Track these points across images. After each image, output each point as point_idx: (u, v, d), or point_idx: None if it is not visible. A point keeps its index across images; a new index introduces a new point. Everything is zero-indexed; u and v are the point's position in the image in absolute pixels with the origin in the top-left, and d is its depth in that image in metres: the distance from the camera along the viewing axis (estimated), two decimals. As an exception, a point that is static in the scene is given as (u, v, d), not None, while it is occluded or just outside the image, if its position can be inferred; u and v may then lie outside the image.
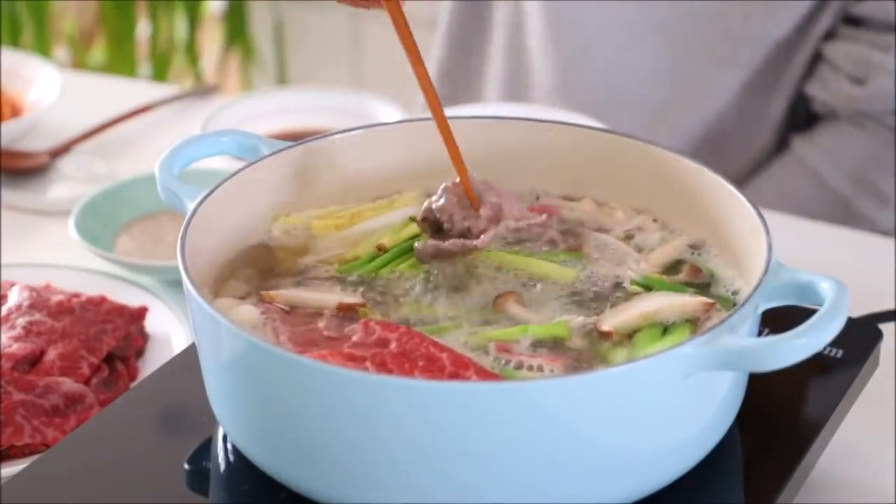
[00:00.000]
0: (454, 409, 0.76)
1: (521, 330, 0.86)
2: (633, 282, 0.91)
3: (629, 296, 0.90)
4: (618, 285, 0.91)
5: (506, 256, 0.93)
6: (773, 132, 1.54)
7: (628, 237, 0.97)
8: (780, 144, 1.55)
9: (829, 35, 1.49)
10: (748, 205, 0.89)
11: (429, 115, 0.94)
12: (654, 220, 0.98)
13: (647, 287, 0.90)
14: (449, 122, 0.95)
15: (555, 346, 0.85)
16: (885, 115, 1.46)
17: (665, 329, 0.87)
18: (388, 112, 1.43)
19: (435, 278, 0.91)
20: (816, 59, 1.50)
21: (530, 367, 0.83)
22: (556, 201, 1.00)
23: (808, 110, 1.53)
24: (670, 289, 0.90)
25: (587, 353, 0.85)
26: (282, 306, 0.88)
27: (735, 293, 0.90)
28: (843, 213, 1.48)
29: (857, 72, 1.46)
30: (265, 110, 1.44)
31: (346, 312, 0.88)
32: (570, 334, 0.86)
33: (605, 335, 0.86)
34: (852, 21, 1.48)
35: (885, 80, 1.44)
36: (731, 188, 0.92)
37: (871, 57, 1.44)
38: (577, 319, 0.87)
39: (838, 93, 1.47)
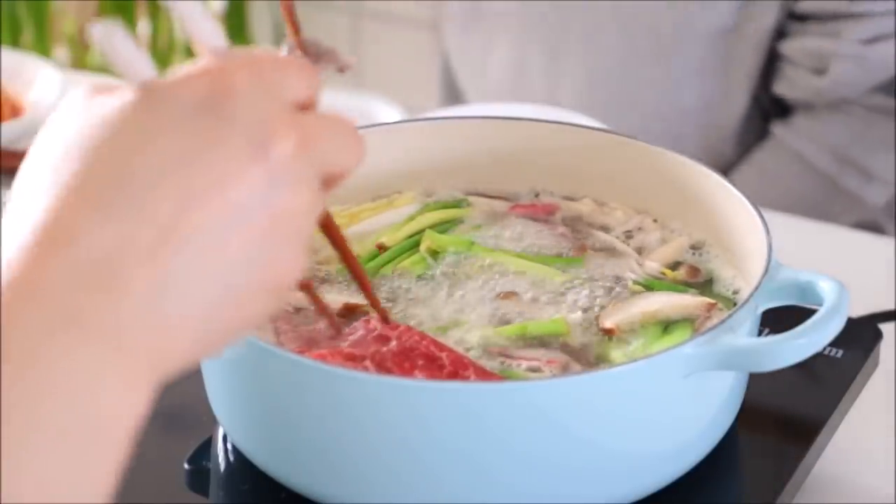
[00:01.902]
0: (453, 409, 0.76)
1: (521, 328, 0.86)
2: (635, 282, 0.91)
3: (631, 294, 0.90)
4: (619, 285, 0.91)
5: (508, 257, 0.93)
6: (739, 124, 1.54)
7: (628, 237, 0.97)
8: (759, 136, 1.55)
9: (782, 34, 1.50)
10: (748, 205, 0.89)
11: (429, 115, 0.94)
12: (654, 221, 0.98)
13: (649, 287, 0.90)
14: (449, 122, 0.95)
15: (554, 344, 0.85)
16: (858, 96, 1.47)
17: (666, 328, 0.87)
18: (387, 112, 1.43)
19: (436, 278, 0.91)
20: (778, 59, 1.51)
21: (532, 369, 0.83)
22: (556, 200, 1.00)
23: (783, 106, 1.54)
24: (672, 289, 0.90)
25: (587, 350, 0.85)
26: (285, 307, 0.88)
27: (735, 293, 0.90)
28: (829, 192, 1.50)
29: (815, 63, 1.48)
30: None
31: (352, 314, 0.87)
32: (571, 331, 0.86)
33: (606, 332, 0.86)
34: (799, 17, 1.49)
35: (841, 65, 1.45)
36: (732, 188, 0.92)
37: (822, 47, 1.46)
38: (578, 315, 0.87)
39: (804, 87, 1.49)
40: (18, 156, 1.38)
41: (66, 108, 0.56)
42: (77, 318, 0.51)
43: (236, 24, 2.68)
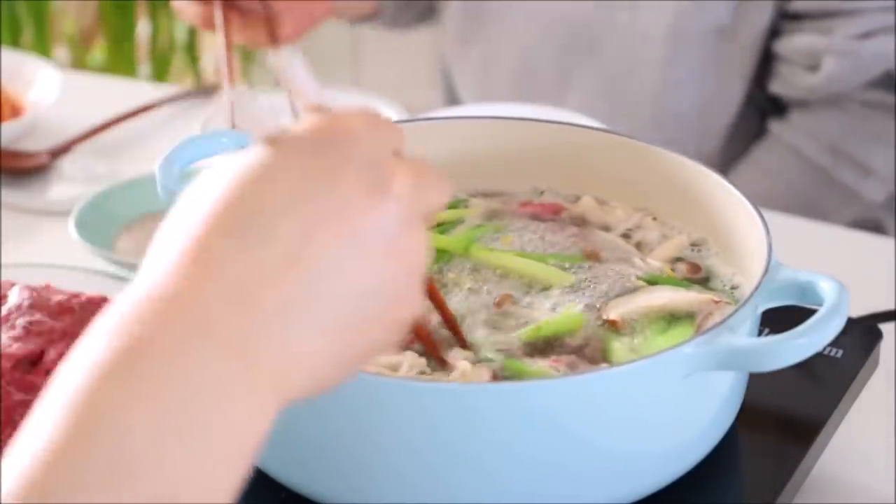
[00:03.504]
0: (454, 409, 0.76)
1: (535, 330, 0.85)
2: (639, 278, 0.91)
3: (637, 289, 0.90)
4: (623, 282, 0.91)
5: (512, 258, 0.92)
6: (734, 125, 1.55)
7: (627, 236, 0.97)
8: (755, 135, 1.55)
9: (776, 34, 1.50)
10: (748, 204, 0.90)
11: (428, 115, 0.94)
12: (654, 219, 0.98)
13: (652, 283, 0.90)
14: (449, 122, 0.95)
15: (559, 343, 0.85)
16: (852, 91, 1.48)
17: (669, 322, 0.87)
18: (387, 112, 1.43)
19: (440, 278, 0.91)
20: (773, 59, 1.52)
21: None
22: (559, 199, 1.00)
23: (779, 105, 1.55)
24: (676, 284, 0.90)
25: (591, 344, 0.85)
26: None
27: (734, 288, 0.90)
28: (826, 187, 1.50)
29: (808, 61, 1.48)
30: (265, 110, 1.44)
31: None
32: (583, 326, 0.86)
33: (610, 323, 0.86)
34: (792, 16, 1.50)
35: (833, 61, 1.46)
36: (731, 188, 0.92)
37: (815, 43, 1.46)
38: (580, 307, 0.87)
39: (798, 85, 1.49)
40: (18, 156, 1.38)
41: (205, 173, 0.62)
42: (215, 333, 0.56)
43: (236, 24, 2.67)
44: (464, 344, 0.85)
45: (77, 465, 0.52)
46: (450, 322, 0.85)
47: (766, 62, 1.53)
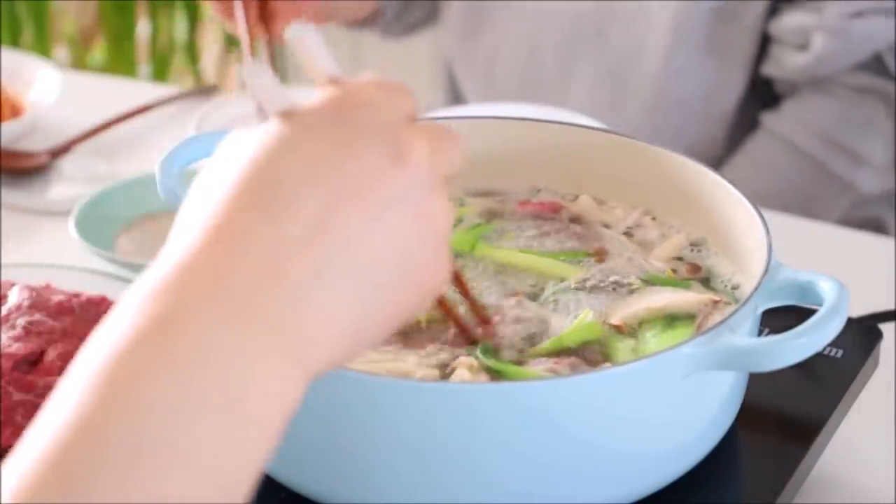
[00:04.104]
0: (454, 409, 0.76)
1: (557, 342, 0.85)
2: (640, 278, 0.91)
3: (636, 290, 0.90)
4: (624, 282, 0.91)
5: (516, 256, 0.93)
6: (735, 105, 1.55)
7: (627, 234, 0.97)
8: (751, 126, 1.56)
9: (772, 15, 1.51)
10: (748, 204, 0.90)
11: (429, 115, 0.94)
12: (653, 219, 0.98)
13: (653, 283, 0.90)
14: (447, 122, 0.94)
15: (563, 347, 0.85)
16: (841, 74, 1.48)
17: (669, 323, 0.87)
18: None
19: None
20: (767, 41, 1.52)
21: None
22: (557, 197, 1.00)
23: (773, 95, 1.55)
24: (676, 285, 0.90)
25: (592, 346, 0.85)
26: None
27: (735, 288, 0.90)
28: (819, 177, 1.50)
29: (799, 40, 1.48)
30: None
31: None
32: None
33: (614, 328, 0.86)
34: None
35: (823, 39, 1.46)
36: (731, 187, 0.92)
37: (806, 22, 1.46)
38: (590, 314, 0.87)
39: (789, 65, 1.49)
40: (18, 156, 1.38)
41: (222, 146, 0.62)
42: (240, 302, 0.55)
43: (236, 24, 2.68)
44: (486, 323, 0.85)
45: (95, 445, 0.52)
46: (472, 303, 0.85)
47: (765, 46, 1.53)
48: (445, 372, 0.82)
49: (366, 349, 0.61)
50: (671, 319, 0.87)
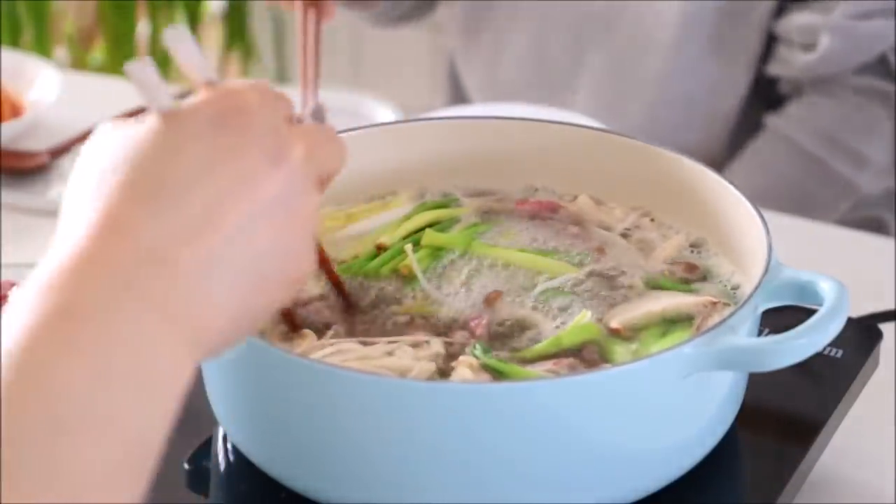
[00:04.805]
0: (453, 410, 0.76)
1: (555, 342, 0.85)
2: (640, 280, 0.91)
3: (635, 293, 0.90)
4: (623, 283, 0.91)
5: (513, 254, 0.93)
6: (739, 104, 1.55)
7: (626, 235, 0.97)
8: (754, 127, 1.56)
9: (779, 15, 1.51)
10: (748, 204, 0.89)
11: (428, 115, 0.94)
12: (652, 220, 0.98)
13: (653, 285, 0.90)
14: (446, 122, 0.94)
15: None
16: (845, 76, 1.48)
17: (668, 327, 0.86)
18: (384, 112, 1.43)
19: (439, 278, 0.91)
20: (773, 41, 1.52)
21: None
22: (554, 198, 1.00)
23: (778, 96, 1.55)
24: (675, 287, 0.90)
25: (591, 350, 0.85)
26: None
27: (734, 288, 0.90)
28: (822, 178, 1.50)
29: (805, 39, 1.48)
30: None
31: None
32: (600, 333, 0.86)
33: (613, 332, 0.86)
34: None
35: (829, 38, 1.46)
36: (731, 187, 0.92)
37: (813, 21, 1.46)
38: (588, 315, 0.87)
39: (795, 65, 1.49)
40: (18, 156, 1.38)
41: (95, 138, 0.66)
42: (137, 290, 0.60)
43: (236, 24, 2.68)
44: (347, 299, 0.88)
45: (16, 424, 0.55)
46: (336, 284, 0.89)
47: (771, 46, 1.54)
48: (440, 365, 0.83)
49: (251, 331, 0.66)
50: (670, 322, 0.87)
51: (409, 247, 0.92)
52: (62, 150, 1.40)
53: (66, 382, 0.56)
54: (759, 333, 0.91)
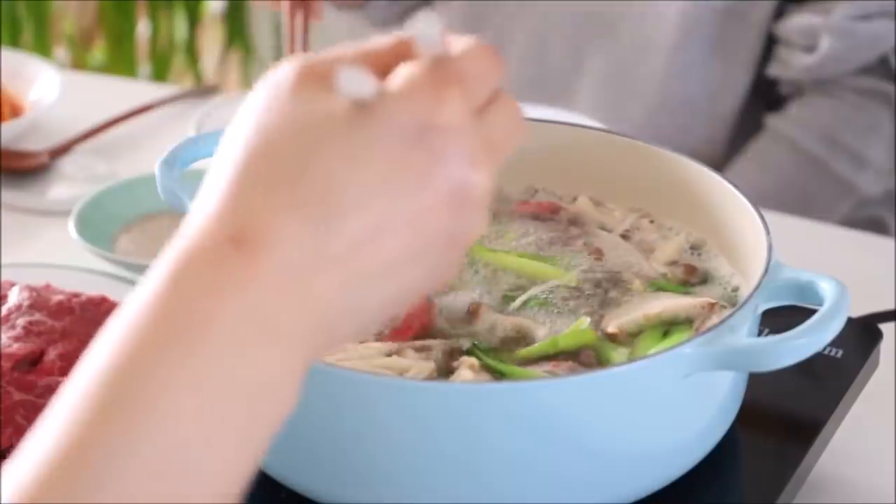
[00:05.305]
0: (452, 410, 0.76)
1: (552, 344, 0.85)
2: (640, 282, 0.91)
3: (633, 296, 0.90)
4: (622, 285, 0.91)
5: (513, 259, 0.92)
6: (740, 106, 1.55)
7: (626, 237, 0.97)
8: (754, 128, 1.56)
9: (779, 16, 1.51)
10: (748, 204, 0.89)
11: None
12: (651, 221, 0.98)
13: (653, 287, 0.90)
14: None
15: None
16: (846, 77, 1.48)
17: (667, 330, 0.86)
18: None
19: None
20: (774, 42, 1.52)
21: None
22: (554, 198, 1.00)
23: (778, 97, 1.55)
24: (674, 289, 0.90)
25: (588, 353, 0.85)
26: None
27: (735, 290, 0.90)
28: (823, 179, 1.50)
29: (806, 41, 1.48)
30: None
31: None
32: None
33: (610, 336, 0.86)
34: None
35: (830, 39, 1.46)
36: (731, 188, 0.92)
37: (813, 23, 1.47)
38: (586, 321, 0.87)
39: (795, 66, 1.49)
40: (18, 156, 1.38)
41: (271, 91, 0.57)
42: (266, 318, 0.54)
43: (236, 24, 2.68)
44: None
45: (117, 446, 0.52)
46: None
47: (771, 47, 1.54)
48: (440, 365, 0.83)
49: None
50: (669, 325, 0.87)
51: None
52: (62, 150, 1.40)
53: (175, 411, 0.52)
54: (759, 333, 0.91)
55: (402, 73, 0.58)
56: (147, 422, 0.52)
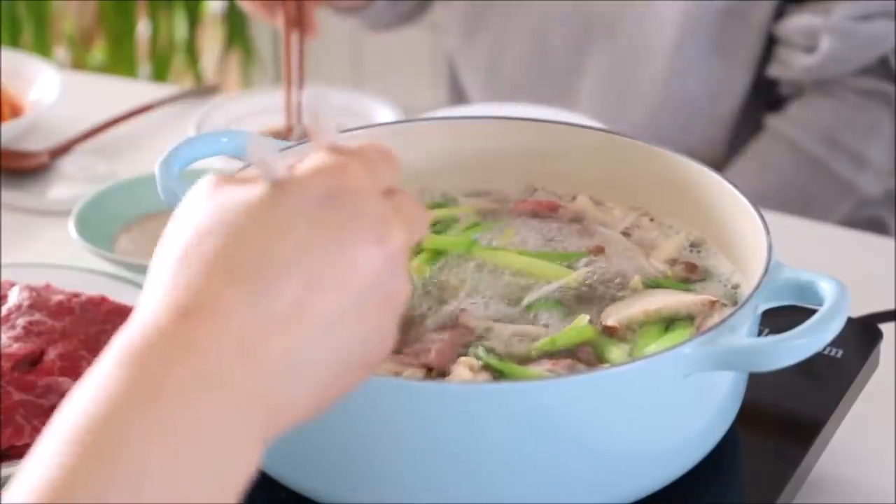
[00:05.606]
0: (453, 410, 0.75)
1: (550, 342, 0.85)
2: (640, 279, 0.91)
3: (633, 292, 0.90)
4: (622, 283, 0.91)
5: (513, 257, 0.92)
6: (740, 106, 1.55)
7: (626, 235, 0.97)
8: (754, 128, 1.56)
9: (779, 16, 1.51)
10: (748, 204, 0.90)
11: (428, 115, 0.94)
12: (651, 220, 0.98)
13: (653, 285, 0.90)
14: (446, 122, 0.94)
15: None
16: (846, 77, 1.48)
17: (667, 326, 0.86)
18: (386, 112, 1.43)
19: (437, 281, 0.91)
20: (774, 43, 1.52)
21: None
22: (554, 197, 1.00)
23: (778, 97, 1.55)
24: (675, 287, 0.90)
25: (587, 349, 0.85)
26: None
27: (735, 287, 0.90)
28: (823, 179, 1.50)
29: (806, 41, 1.48)
30: (262, 109, 1.44)
31: None
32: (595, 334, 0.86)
33: (608, 329, 0.86)
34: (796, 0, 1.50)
35: (830, 40, 1.46)
36: (731, 188, 0.92)
37: (813, 23, 1.47)
38: (585, 319, 0.87)
39: (795, 67, 1.49)
40: (18, 156, 1.38)
41: (194, 197, 0.64)
42: (222, 379, 0.58)
43: (236, 24, 2.68)
44: None
45: (93, 491, 0.54)
46: None
47: (771, 47, 1.54)
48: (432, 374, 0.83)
49: (314, 417, 0.64)
50: (669, 322, 0.87)
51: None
52: (62, 150, 1.40)
53: (144, 467, 0.55)
54: (759, 333, 0.91)
55: (307, 158, 0.64)
56: (114, 474, 0.55)
